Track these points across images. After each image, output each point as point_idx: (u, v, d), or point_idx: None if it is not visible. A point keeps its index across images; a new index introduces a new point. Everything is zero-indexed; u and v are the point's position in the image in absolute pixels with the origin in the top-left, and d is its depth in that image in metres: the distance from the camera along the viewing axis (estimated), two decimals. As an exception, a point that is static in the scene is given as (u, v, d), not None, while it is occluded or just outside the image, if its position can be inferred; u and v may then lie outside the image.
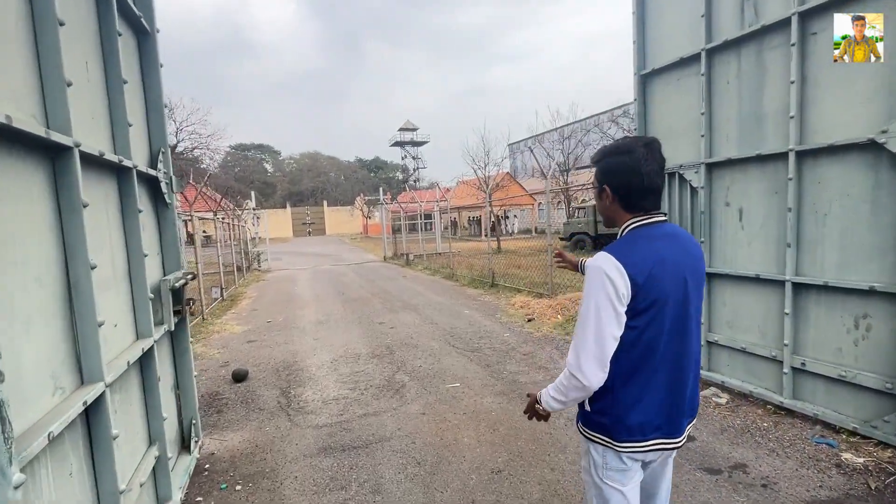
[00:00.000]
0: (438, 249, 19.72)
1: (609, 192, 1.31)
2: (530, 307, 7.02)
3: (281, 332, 6.62)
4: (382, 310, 7.89)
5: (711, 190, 3.62)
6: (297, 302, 9.29)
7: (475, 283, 10.39)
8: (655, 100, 4.05)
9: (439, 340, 5.65)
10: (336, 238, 44.00)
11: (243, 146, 73.48)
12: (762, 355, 3.34)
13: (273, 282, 13.31)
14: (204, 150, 36.84)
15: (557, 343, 5.28)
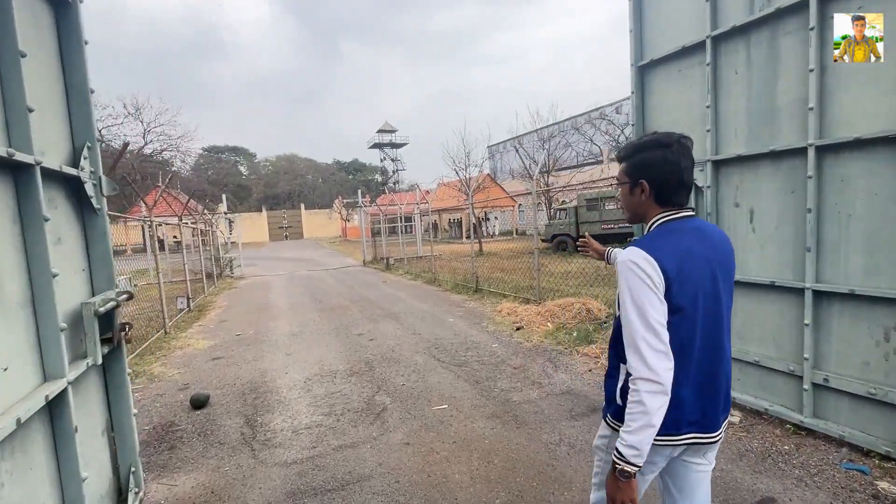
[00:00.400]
0: (419, 253, 19.31)
1: (647, 186, 1.29)
2: (518, 314, 6.69)
3: (251, 346, 6.10)
4: (361, 319, 7.44)
5: (718, 190, 3.34)
6: (271, 311, 8.74)
7: (459, 288, 10.02)
8: (654, 93, 3.76)
9: (423, 353, 5.25)
10: (314, 242, 43.06)
11: (217, 148, 71.51)
12: (778, 370, 3.06)
13: (246, 289, 12.66)
14: (174, 152, 35.58)
15: (550, 354, 4.94)
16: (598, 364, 4.48)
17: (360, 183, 62.76)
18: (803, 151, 2.78)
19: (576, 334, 5.37)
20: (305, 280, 13.82)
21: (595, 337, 5.15)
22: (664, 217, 1.30)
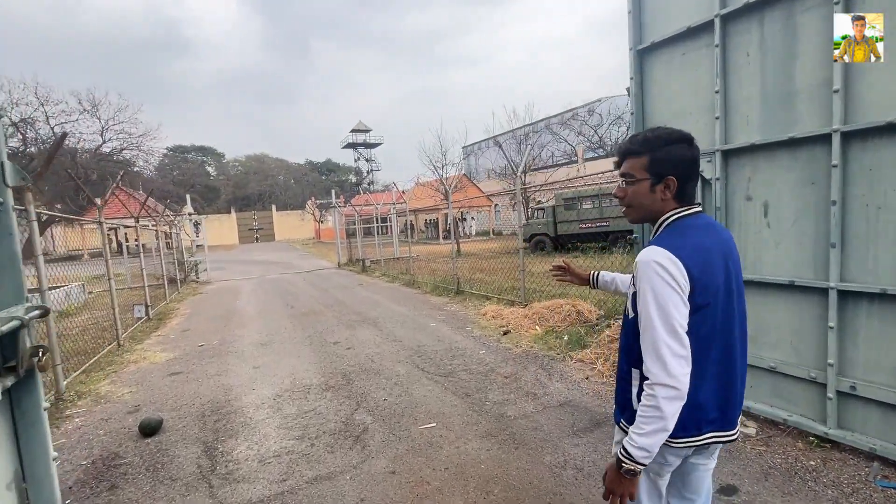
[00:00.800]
0: (396, 254, 18.83)
1: (675, 182, 1.24)
2: (504, 317, 6.37)
3: (214, 358, 5.55)
4: (337, 325, 6.96)
5: (728, 182, 3.09)
6: (238, 319, 8.15)
7: (439, 291, 9.65)
8: (656, 79, 3.49)
9: (406, 363, 4.85)
10: (286, 244, 41.82)
11: (182, 148, 68.78)
12: (797, 376, 2.82)
13: (212, 295, 11.93)
14: (136, 152, 33.86)
15: (542, 361, 4.63)
16: (594, 371, 4.19)
17: (334, 183, 61.51)
18: (826, 138, 2.54)
19: (567, 338, 5.08)
20: (276, 284, 13.16)
21: (588, 341, 4.87)
22: (678, 213, 1.25)
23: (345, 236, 20.45)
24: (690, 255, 1.16)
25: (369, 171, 62.64)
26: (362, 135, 61.78)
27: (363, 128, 61.36)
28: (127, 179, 28.22)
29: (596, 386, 3.87)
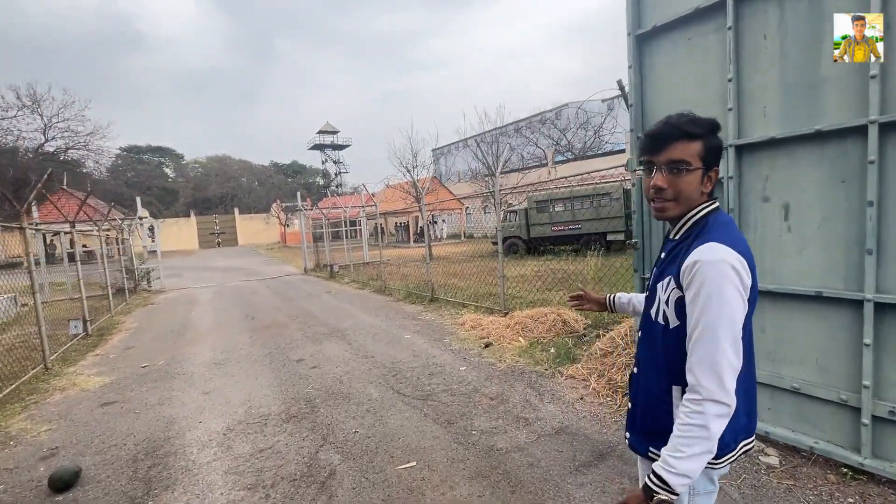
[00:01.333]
0: (366, 258, 18.18)
1: (718, 173, 1.15)
2: (483, 327, 5.95)
3: (158, 383, 4.86)
4: (302, 339, 6.36)
5: (742, 181, 2.77)
6: (191, 333, 7.38)
7: (412, 298, 9.15)
8: (657, 66, 3.15)
9: (379, 384, 4.34)
10: (250, 249, 40.17)
11: (137, 148, 65.28)
12: (824, 399, 2.51)
13: (165, 305, 10.98)
14: (83, 151, 31.68)
15: (529, 378, 4.22)
16: (588, 389, 3.81)
17: (301, 186, 59.78)
18: (860, 131, 2.24)
19: (554, 351, 4.71)
20: (237, 292, 12.29)
21: (577, 354, 4.51)
22: (709, 208, 1.15)
23: (311, 240, 19.60)
24: (747, 252, 1.07)
25: (337, 173, 61.30)
26: (330, 136, 60.42)
27: (330, 129, 60.03)
28: (70, 180, 26.20)
29: (593, 408, 3.49)
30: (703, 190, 1.13)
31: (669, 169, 1.10)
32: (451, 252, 18.51)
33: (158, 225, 19.85)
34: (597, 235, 15.62)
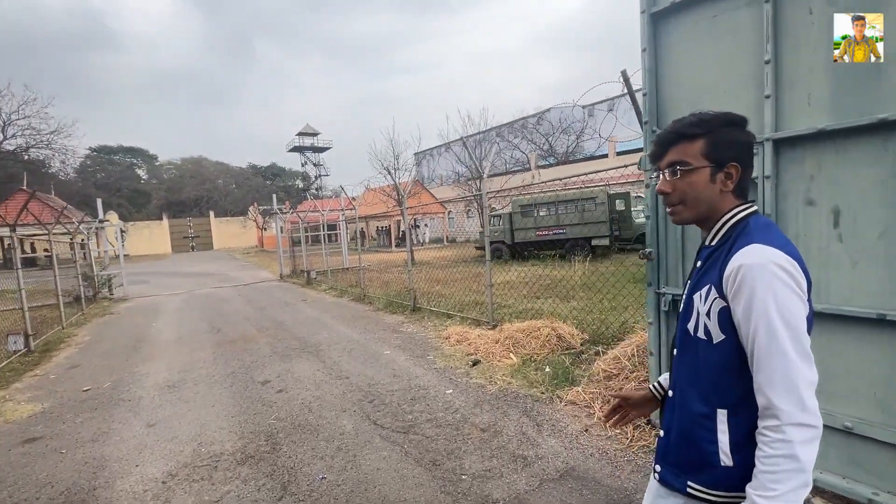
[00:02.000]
0: (345, 264, 17.53)
1: (738, 169, 1.04)
2: (470, 342, 5.46)
3: (97, 412, 4.22)
4: (270, 356, 5.75)
5: (780, 181, 2.35)
6: (147, 348, 6.69)
7: (393, 307, 8.60)
8: (675, 49, 2.73)
9: (354, 412, 3.80)
10: (225, 253, 38.87)
11: (108, 149, 62.90)
12: (886, 441, 2.10)
13: (125, 315, 10.17)
14: (46, 151, 30.09)
15: (524, 403, 3.74)
16: (592, 418, 3.35)
17: (280, 189, 58.40)
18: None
19: (549, 370, 4.25)
20: (206, 301, 11.52)
21: (577, 375, 4.06)
22: (745, 210, 1.04)
23: (288, 245, 18.84)
24: (799, 257, 0.95)
25: (317, 175, 60.16)
26: (310, 138, 59.30)
27: (311, 131, 58.94)
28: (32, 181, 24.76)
29: (600, 442, 3.03)
30: (721, 189, 1.04)
31: (671, 172, 1.07)
32: (433, 257, 18.00)
33: (119, 228, 18.77)
34: (582, 240, 15.36)
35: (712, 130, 1.03)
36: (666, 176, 1.08)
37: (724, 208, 1.05)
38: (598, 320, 5.39)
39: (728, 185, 1.04)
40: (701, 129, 1.03)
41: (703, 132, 1.03)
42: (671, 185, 1.07)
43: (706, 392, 1.02)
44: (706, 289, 1.02)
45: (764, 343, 0.90)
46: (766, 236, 0.97)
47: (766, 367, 0.90)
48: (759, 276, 0.90)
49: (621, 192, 17.33)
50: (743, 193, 1.06)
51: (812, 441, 0.87)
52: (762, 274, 0.90)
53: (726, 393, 0.98)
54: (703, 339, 1.02)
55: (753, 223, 1.01)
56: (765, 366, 0.90)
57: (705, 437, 1.01)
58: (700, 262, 1.10)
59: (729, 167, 1.02)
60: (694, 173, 1.04)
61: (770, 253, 0.92)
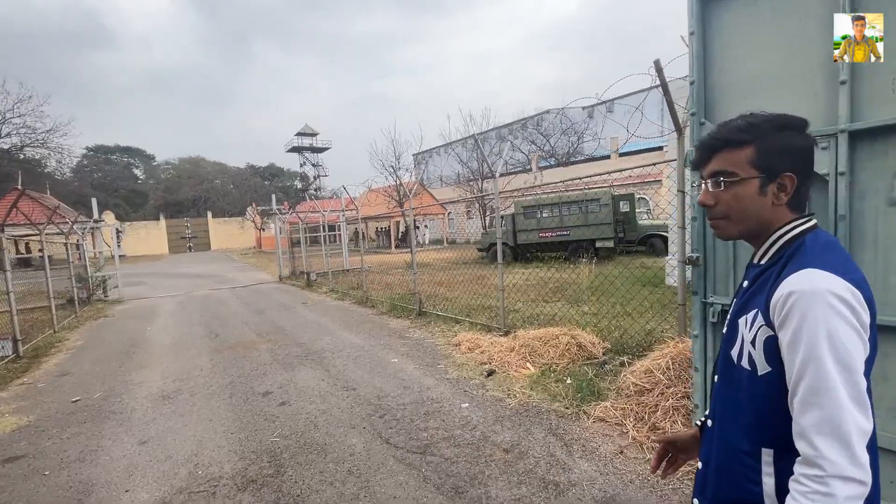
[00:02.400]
0: (346, 265, 17.24)
1: (793, 180, 0.91)
2: (483, 349, 5.18)
3: (86, 425, 3.92)
4: (271, 364, 5.46)
5: (856, 178, 2.08)
6: (142, 354, 6.38)
7: (397, 311, 8.31)
8: (727, 30, 2.46)
9: (363, 429, 3.51)
10: (223, 254, 38.50)
11: (105, 148, 62.54)
12: None
13: (120, 318, 9.86)
14: (42, 150, 29.69)
15: (548, 420, 3.46)
16: (625, 437, 3.08)
17: (279, 189, 58.01)
18: None
19: (571, 382, 3.97)
20: (203, 303, 11.21)
21: (602, 388, 3.77)
22: (805, 225, 0.92)
23: (287, 246, 18.53)
24: (862, 281, 0.84)
25: (316, 176, 59.83)
26: (308, 138, 59.00)
27: (310, 131, 58.63)
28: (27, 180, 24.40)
29: (639, 466, 2.75)
30: (773, 202, 0.93)
31: (714, 182, 0.96)
32: (435, 259, 17.73)
33: (115, 228, 18.44)
34: (586, 242, 15.10)
35: (763, 136, 0.91)
36: (709, 186, 0.97)
37: (776, 223, 0.94)
38: (617, 327, 5.12)
39: (781, 197, 0.92)
40: (750, 134, 0.92)
41: (751, 138, 0.92)
42: (714, 198, 0.97)
43: (749, 428, 0.92)
44: (752, 314, 0.92)
45: (812, 384, 0.79)
46: (825, 258, 0.85)
47: (814, 410, 0.79)
48: (812, 306, 0.80)
49: (626, 194, 17.10)
50: (799, 205, 0.94)
51: (858, 499, 0.76)
52: (815, 304, 0.80)
53: (773, 431, 0.88)
54: (747, 370, 0.92)
55: (811, 242, 0.90)
56: (812, 409, 0.79)
57: (748, 476, 0.91)
58: (747, 283, 0.99)
59: (783, 178, 0.91)
60: (740, 185, 0.93)
61: (827, 280, 0.81)
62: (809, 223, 0.93)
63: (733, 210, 0.95)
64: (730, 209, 0.95)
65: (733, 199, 0.94)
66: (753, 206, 0.93)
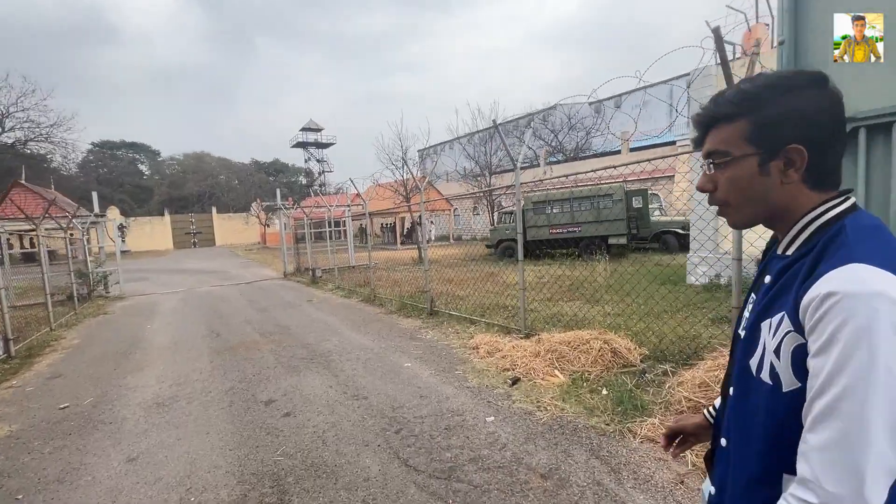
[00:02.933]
0: (351, 262, 16.89)
1: (803, 153, 0.75)
2: (503, 353, 4.77)
3: (72, 437, 3.55)
4: (275, 367, 5.08)
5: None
6: (139, 355, 6.03)
7: (407, 310, 7.92)
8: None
9: (378, 447, 3.11)
10: (228, 250, 38.29)
11: (111, 144, 62.54)
12: None
13: (120, 315, 9.53)
14: (46, 144, 29.48)
15: (588, 438, 3.05)
16: (684, 463, 2.66)
17: (283, 185, 57.71)
18: None
19: (608, 393, 3.56)
20: (206, 300, 10.87)
21: (646, 402, 3.35)
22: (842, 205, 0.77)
23: (292, 241, 18.18)
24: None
25: (321, 171, 59.48)
26: (313, 134, 58.62)
27: (314, 126, 58.25)
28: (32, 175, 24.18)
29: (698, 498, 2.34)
30: (777, 182, 0.78)
31: (710, 163, 0.84)
32: (441, 255, 17.35)
33: (118, 224, 18.18)
34: (598, 239, 14.65)
35: (759, 105, 0.78)
36: (706, 169, 0.86)
37: (799, 206, 0.79)
38: (653, 331, 4.69)
39: (791, 175, 0.78)
40: (741, 106, 0.79)
41: (743, 110, 0.79)
42: (712, 182, 0.86)
43: (771, 451, 0.77)
44: (778, 318, 0.76)
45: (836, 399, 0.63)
46: (874, 249, 0.69)
47: (828, 429, 0.64)
48: (857, 313, 0.63)
49: (638, 189, 16.61)
50: (822, 182, 0.79)
51: None
52: (864, 311, 0.62)
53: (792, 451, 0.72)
54: (769, 385, 0.76)
55: (851, 226, 0.74)
56: (826, 427, 0.64)
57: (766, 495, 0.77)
58: (770, 278, 0.83)
59: (788, 151, 0.76)
60: (736, 165, 0.80)
61: (881, 280, 0.64)
62: (846, 203, 0.78)
63: (732, 195, 0.83)
64: (728, 195, 0.83)
65: (730, 183, 0.82)
66: (756, 189, 0.80)
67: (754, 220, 0.84)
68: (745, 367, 0.84)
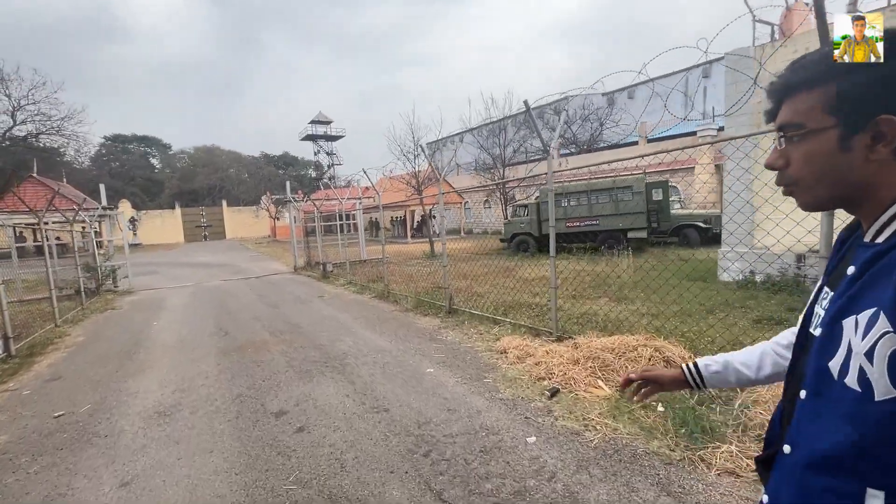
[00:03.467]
0: (363, 255, 16.52)
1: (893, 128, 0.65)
2: (536, 358, 4.32)
3: (63, 452, 3.19)
4: (286, 371, 4.70)
5: None
6: (143, 355, 5.69)
7: (424, 307, 7.51)
8: None
9: (405, 473, 2.70)
10: (238, 243, 38.23)
11: (123, 138, 62.88)
12: None
13: (127, 311, 9.25)
14: (57, 137, 29.46)
15: (652, 467, 2.60)
16: (774, 503, 2.21)
17: (293, 178, 57.55)
18: None
19: (665, 410, 3.10)
20: (215, 295, 10.56)
21: (715, 422, 2.89)
22: None
23: (303, 235, 17.86)
24: None
25: (330, 164, 59.16)
26: (323, 126, 58.23)
27: (324, 118, 57.86)
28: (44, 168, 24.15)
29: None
30: (861, 158, 0.68)
31: (783, 136, 0.75)
32: (453, 249, 16.85)
33: (129, 217, 18.00)
34: (617, 233, 14.07)
35: (845, 70, 0.69)
36: (778, 144, 0.76)
37: (889, 186, 0.68)
38: (704, 335, 4.22)
39: (880, 151, 0.67)
40: (822, 71, 0.71)
41: (825, 76, 0.70)
42: (784, 157, 0.75)
43: (854, 462, 0.66)
44: (869, 314, 0.64)
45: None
46: None
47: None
48: None
49: (659, 181, 15.95)
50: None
51: None
52: None
53: (888, 468, 0.63)
54: (856, 391, 0.64)
55: None
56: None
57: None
58: (855, 269, 0.70)
59: (879, 123, 0.65)
60: (812, 139, 0.71)
61: None
62: None
63: (804, 173, 0.73)
64: (801, 173, 0.74)
65: (805, 159, 0.72)
66: (835, 167, 0.70)
67: (829, 203, 0.75)
68: (823, 369, 0.73)
